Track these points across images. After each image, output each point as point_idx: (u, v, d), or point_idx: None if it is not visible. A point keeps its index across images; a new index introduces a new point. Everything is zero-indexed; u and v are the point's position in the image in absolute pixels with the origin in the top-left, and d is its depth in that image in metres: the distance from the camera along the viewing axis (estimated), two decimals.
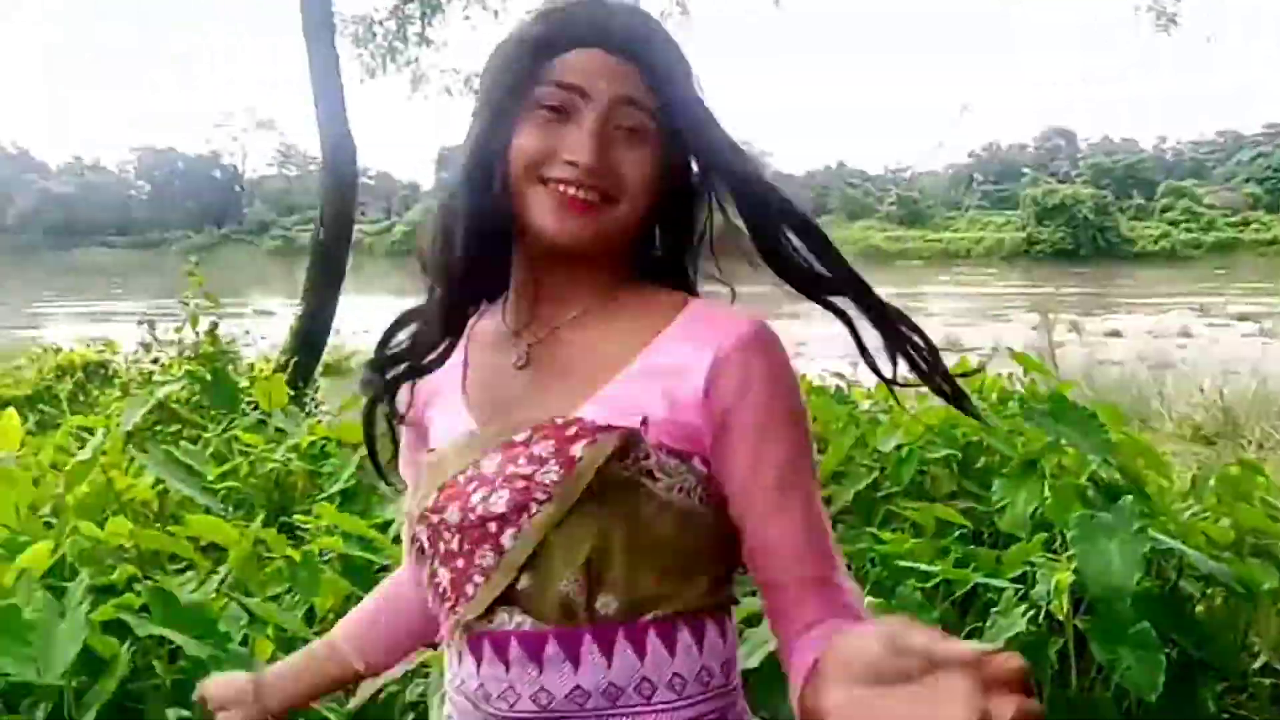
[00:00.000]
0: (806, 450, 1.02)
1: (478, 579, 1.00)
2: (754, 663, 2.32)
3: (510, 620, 0.99)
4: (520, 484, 0.98)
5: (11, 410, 4.48)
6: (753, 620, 2.48)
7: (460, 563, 1.01)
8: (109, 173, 78.19)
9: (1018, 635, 2.67)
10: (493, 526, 0.99)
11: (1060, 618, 2.71)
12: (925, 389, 1.05)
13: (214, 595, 2.67)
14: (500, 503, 0.98)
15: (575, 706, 0.98)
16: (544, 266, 1.06)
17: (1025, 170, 67.93)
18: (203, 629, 2.35)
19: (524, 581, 0.98)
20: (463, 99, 8.87)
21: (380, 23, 8.37)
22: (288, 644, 2.65)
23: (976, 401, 4.67)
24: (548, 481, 0.97)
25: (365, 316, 9.10)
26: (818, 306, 1.08)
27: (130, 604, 2.33)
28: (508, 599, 0.99)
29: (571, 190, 0.98)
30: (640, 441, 0.97)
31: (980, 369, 3.86)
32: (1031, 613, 2.70)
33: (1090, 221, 56.43)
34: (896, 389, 1.08)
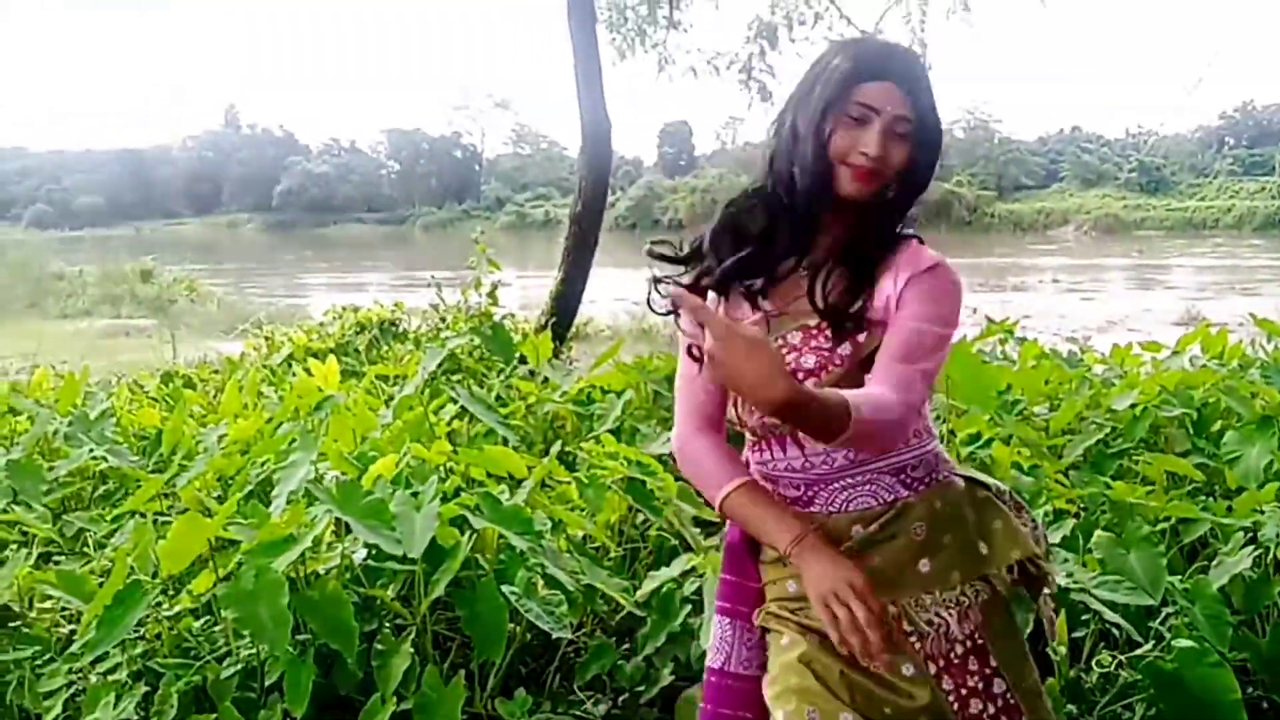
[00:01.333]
0: (938, 346, 1.58)
1: None
2: None
3: None
4: (823, 353, 1.60)
5: (332, 358, 5.28)
6: None
7: None
8: (363, 153, 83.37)
9: (1241, 574, 2.87)
10: (802, 376, 1.58)
11: None
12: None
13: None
14: (809, 362, 1.60)
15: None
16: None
17: None
18: (522, 526, 2.88)
19: None
20: (706, 78, 9.32)
21: (632, 8, 8.92)
22: (580, 545, 3.18)
23: (1216, 366, 4.74)
24: (842, 354, 1.59)
25: (591, 288, 9.74)
26: (1045, 281, 1.55)
27: (467, 504, 2.88)
28: None
29: (863, 168, 1.57)
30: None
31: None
32: (1257, 554, 2.87)
33: None
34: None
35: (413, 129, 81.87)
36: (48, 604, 3.02)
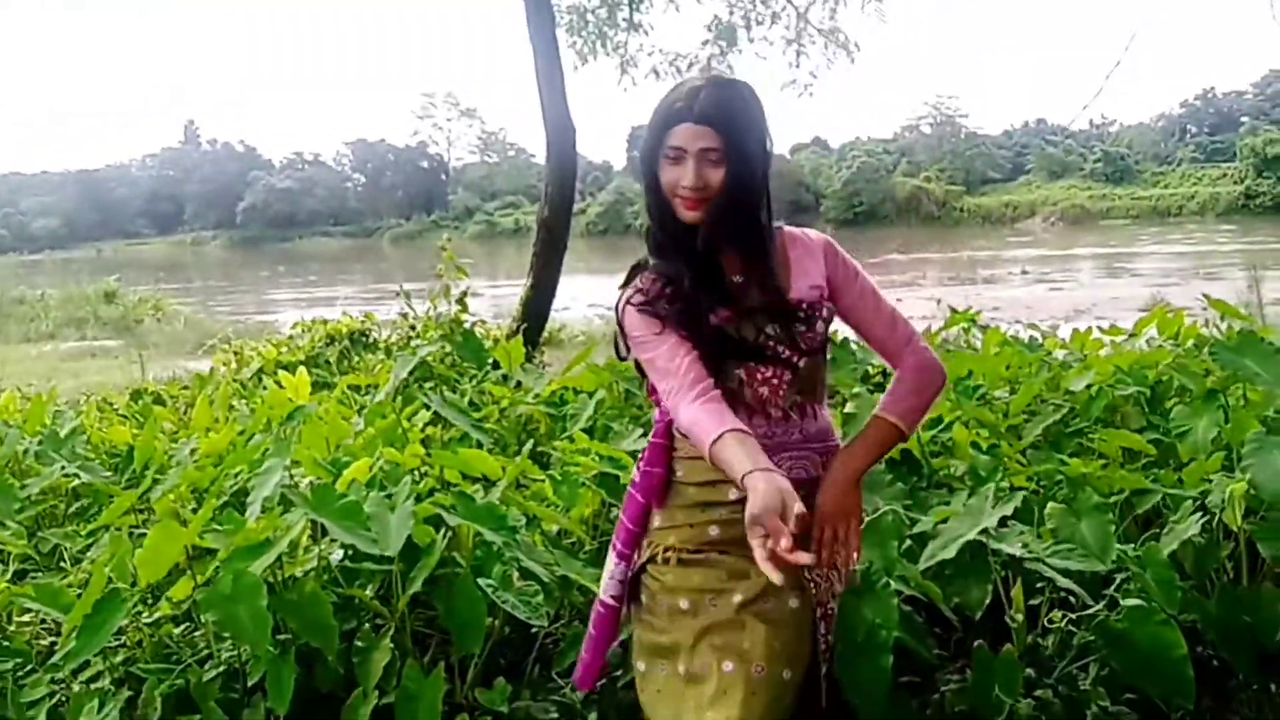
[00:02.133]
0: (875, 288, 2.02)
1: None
2: (950, 553, 2.76)
3: None
4: (803, 335, 1.97)
5: (303, 370, 5.32)
6: (947, 518, 2.91)
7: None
8: (327, 166, 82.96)
9: (1191, 540, 2.99)
10: (791, 353, 1.97)
11: (1232, 525, 2.99)
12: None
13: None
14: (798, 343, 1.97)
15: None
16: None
17: (1244, 119, 63.17)
18: (496, 522, 2.95)
19: None
20: (670, 79, 9.41)
21: (592, 10, 9.02)
22: (556, 538, 3.26)
23: (1171, 346, 4.88)
24: (814, 334, 1.98)
25: (562, 293, 9.80)
26: (1015, 274, 1.74)
27: (442, 502, 2.95)
28: None
29: (688, 199, 1.87)
30: None
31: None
32: (1205, 519, 2.99)
33: None
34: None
35: (377, 140, 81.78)
36: (26, 617, 3.06)
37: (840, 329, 2.13)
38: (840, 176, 61.24)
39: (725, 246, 1.92)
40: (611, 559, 2.09)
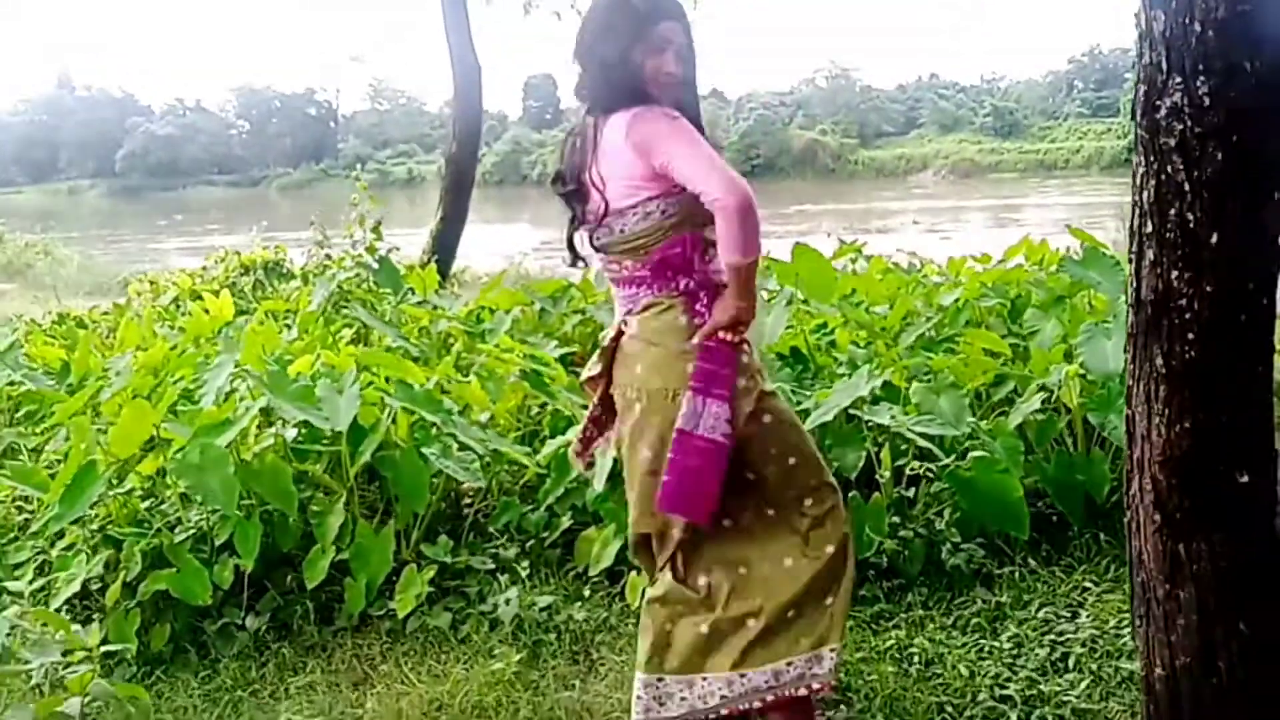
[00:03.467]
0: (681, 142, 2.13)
1: None
2: (829, 417, 3.22)
3: None
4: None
5: (226, 291, 5.56)
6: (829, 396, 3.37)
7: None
8: (210, 113, 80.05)
9: (1033, 413, 3.51)
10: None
11: (1068, 402, 3.53)
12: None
13: None
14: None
15: None
16: None
17: (1128, 75, 65.50)
18: (432, 405, 3.32)
19: None
20: (571, 19, 9.61)
21: None
22: (484, 426, 3.63)
23: (1034, 269, 5.44)
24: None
25: (463, 242, 9.95)
26: (907, 224, 2.19)
27: (381, 385, 3.31)
28: None
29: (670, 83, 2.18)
30: None
31: None
32: (1046, 397, 3.52)
33: None
34: None
35: (263, 86, 79.04)
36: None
37: None
38: (738, 129, 61.66)
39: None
40: (712, 405, 2.17)
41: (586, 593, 3.07)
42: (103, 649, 2.16)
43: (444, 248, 8.53)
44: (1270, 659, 1.83)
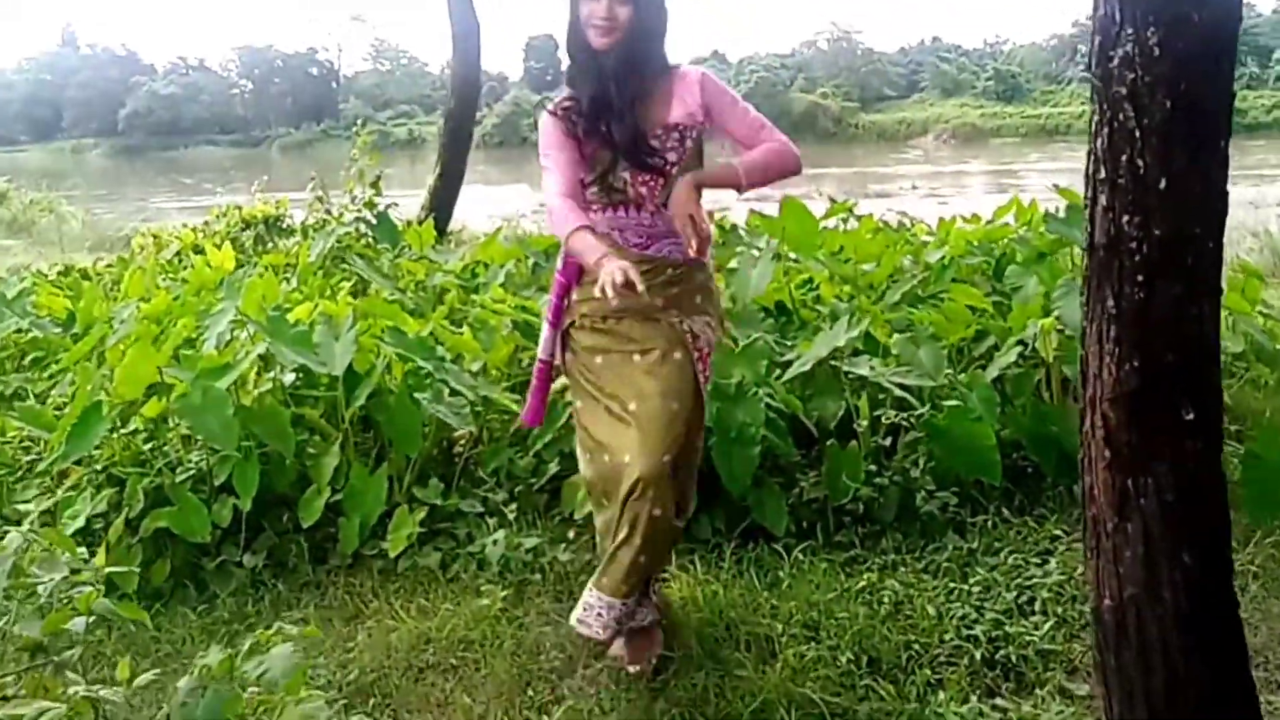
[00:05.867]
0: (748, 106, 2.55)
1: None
2: (807, 368, 3.32)
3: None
4: (674, 151, 2.45)
5: (228, 244, 5.64)
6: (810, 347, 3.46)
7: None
8: (212, 73, 79.67)
9: (1009, 366, 3.60)
10: (667, 165, 2.44)
11: (1044, 355, 3.62)
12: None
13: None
14: (673, 157, 2.46)
15: None
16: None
17: None
18: (426, 352, 3.42)
19: None
20: None
21: None
22: (476, 375, 3.72)
23: (1021, 228, 5.51)
24: (683, 150, 2.45)
25: (462, 203, 9.96)
26: (906, 189, 2.37)
27: (377, 333, 3.40)
28: None
29: (598, 27, 2.32)
30: None
31: None
32: (1021, 349, 3.61)
33: None
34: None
35: (265, 46, 78.54)
36: (8, 436, 3.43)
37: None
38: (739, 91, 61.31)
39: (626, 75, 2.37)
40: (545, 329, 2.59)
41: (571, 535, 3.19)
42: (106, 573, 2.25)
43: (441, 205, 8.63)
44: (1212, 589, 1.93)
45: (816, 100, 61.23)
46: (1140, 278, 1.79)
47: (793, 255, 4.49)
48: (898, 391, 3.34)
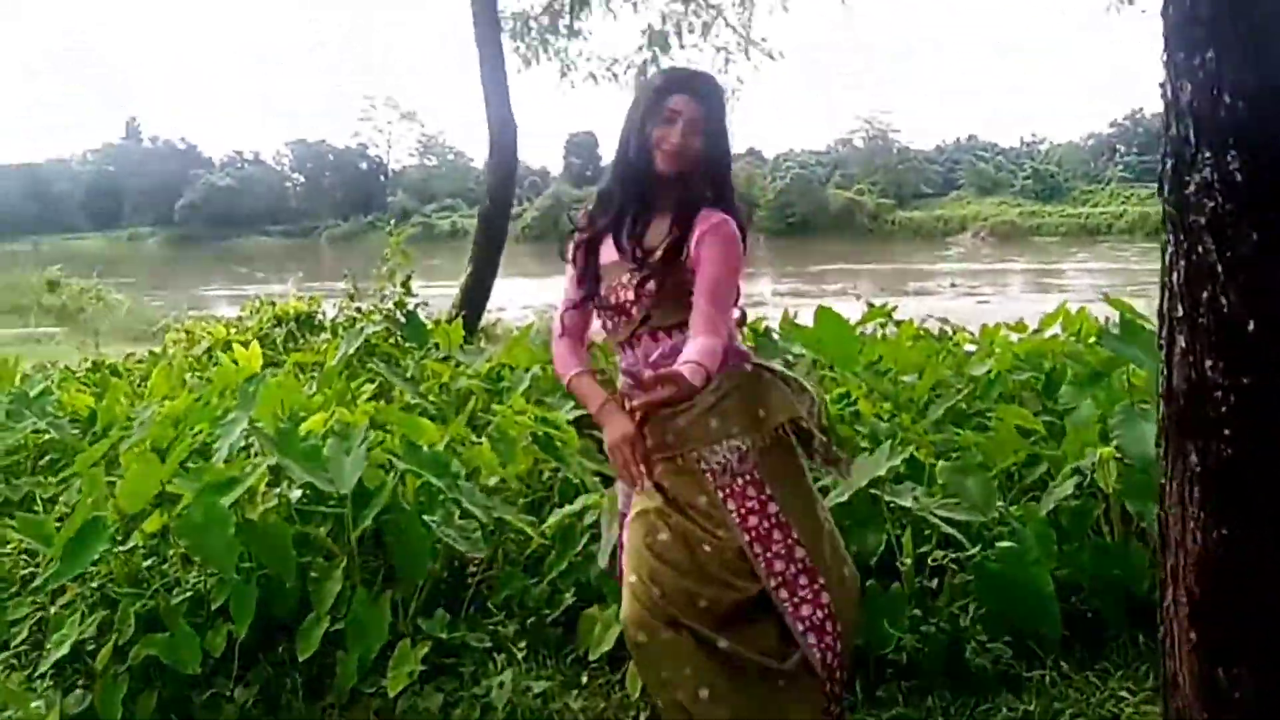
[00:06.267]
0: (731, 287, 2.31)
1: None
2: (843, 498, 3.09)
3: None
4: (638, 288, 2.33)
5: (255, 343, 5.54)
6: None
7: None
8: (267, 166, 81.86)
9: (1066, 499, 3.35)
10: (626, 302, 2.35)
11: (1104, 487, 3.36)
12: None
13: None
14: (630, 295, 2.35)
15: None
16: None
17: None
18: (440, 469, 3.23)
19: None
20: (606, 85, 9.74)
21: (535, 17, 9.37)
22: (492, 491, 3.53)
23: (1071, 339, 5.27)
24: (650, 289, 2.32)
25: (500, 295, 9.90)
26: (944, 287, 2.20)
27: (391, 449, 3.23)
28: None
29: (669, 153, 2.27)
30: None
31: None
32: (1078, 480, 3.35)
33: None
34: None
35: (318, 141, 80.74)
36: (8, 548, 3.28)
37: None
38: (774, 187, 61.89)
39: (665, 201, 2.33)
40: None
41: (584, 679, 2.95)
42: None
43: (472, 302, 8.58)
44: None
45: (853, 197, 61.61)
46: (1228, 431, 1.57)
47: (828, 366, 4.29)
48: (944, 527, 3.09)
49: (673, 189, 2.32)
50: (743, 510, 2.28)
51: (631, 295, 2.33)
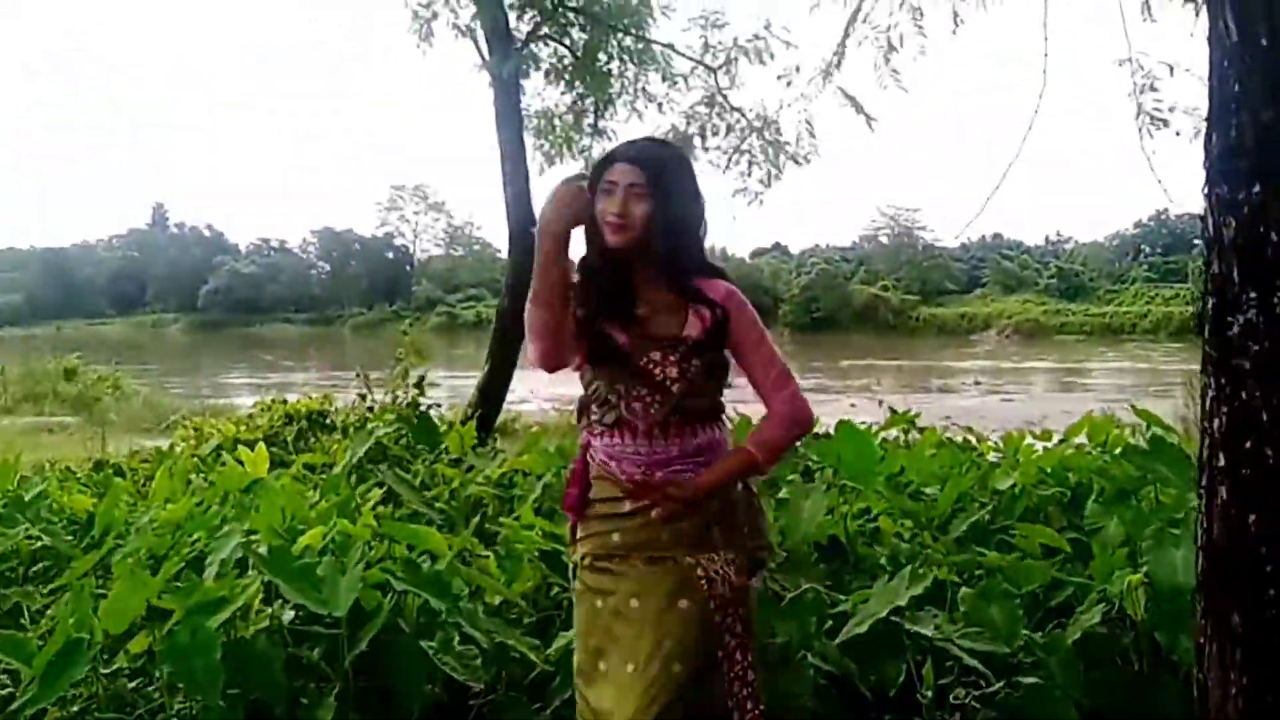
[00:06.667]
0: (771, 343, 2.33)
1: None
2: (863, 629, 2.95)
3: None
4: (682, 365, 2.26)
5: (261, 446, 5.45)
6: (866, 599, 3.10)
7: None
8: (292, 253, 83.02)
9: (1093, 627, 3.19)
10: (669, 381, 2.27)
11: (1133, 615, 3.21)
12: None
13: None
14: (674, 372, 2.26)
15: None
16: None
17: (1196, 241, 64.78)
18: (440, 590, 3.11)
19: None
20: None
21: (560, 116, 9.49)
22: (498, 610, 3.40)
23: (1097, 451, 5.14)
24: (696, 366, 2.28)
25: (520, 387, 9.83)
26: (968, 384, 2.12)
27: (390, 569, 3.11)
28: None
29: (611, 224, 2.21)
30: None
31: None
32: (1106, 608, 3.20)
33: None
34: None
35: (344, 229, 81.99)
36: None
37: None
38: (799, 282, 62.31)
39: (641, 277, 2.27)
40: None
41: None
42: None
43: (489, 399, 8.49)
44: None
45: (877, 293, 61.85)
46: (1273, 592, 1.46)
47: (848, 481, 4.17)
48: (967, 659, 2.94)
49: (645, 264, 2.27)
50: (728, 623, 2.26)
51: (675, 372, 2.25)
